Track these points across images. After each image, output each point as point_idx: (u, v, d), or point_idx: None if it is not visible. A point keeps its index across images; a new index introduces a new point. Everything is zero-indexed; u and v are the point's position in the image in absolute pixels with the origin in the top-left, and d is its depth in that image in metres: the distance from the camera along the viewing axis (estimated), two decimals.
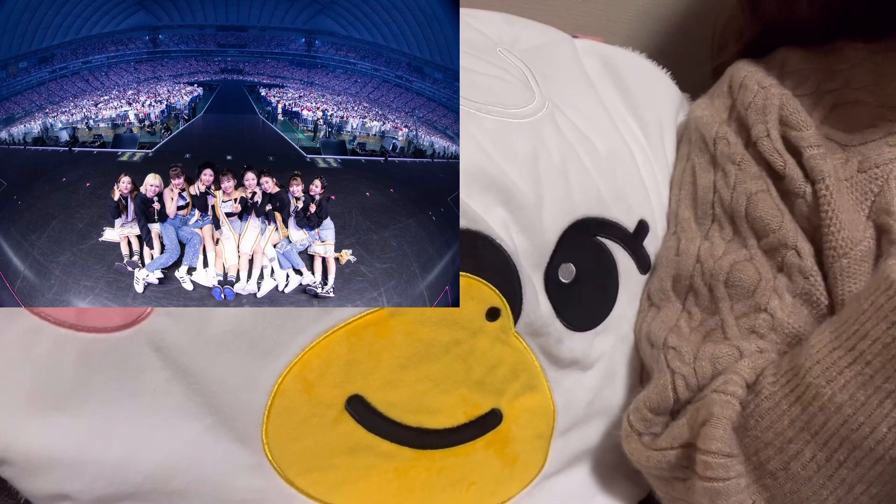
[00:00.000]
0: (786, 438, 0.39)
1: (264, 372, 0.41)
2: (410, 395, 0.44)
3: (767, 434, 0.40)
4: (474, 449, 0.47)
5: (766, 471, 0.40)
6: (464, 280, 0.43)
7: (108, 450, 0.40)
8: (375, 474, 0.45)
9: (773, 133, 0.48)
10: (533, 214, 0.45)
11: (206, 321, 0.39)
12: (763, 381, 0.41)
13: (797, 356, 0.40)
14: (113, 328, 0.38)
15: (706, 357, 0.45)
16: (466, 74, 0.49)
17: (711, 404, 0.41)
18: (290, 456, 0.43)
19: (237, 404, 0.41)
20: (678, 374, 0.46)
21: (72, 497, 0.41)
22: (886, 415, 0.35)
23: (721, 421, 0.40)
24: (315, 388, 0.42)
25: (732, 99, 0.53)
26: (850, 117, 0.49)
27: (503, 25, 0.59)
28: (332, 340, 0.41)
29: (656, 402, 0.46)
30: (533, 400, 0.49)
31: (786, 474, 0.39)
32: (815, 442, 0.38)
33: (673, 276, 0.51)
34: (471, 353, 0.44)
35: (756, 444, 0.40)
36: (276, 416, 0.42)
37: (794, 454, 0.39)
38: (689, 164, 0.54)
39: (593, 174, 0.50)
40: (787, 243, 0.46)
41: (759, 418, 0.40)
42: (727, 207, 0.50)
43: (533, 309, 0.45)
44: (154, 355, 0.39)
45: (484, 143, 0.45)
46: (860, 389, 0.36)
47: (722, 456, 0.40)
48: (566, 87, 0.55)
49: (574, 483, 0.53)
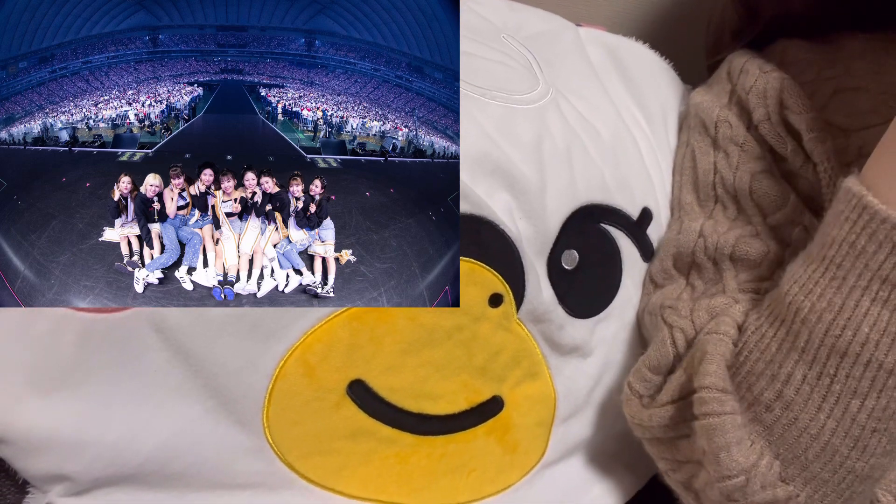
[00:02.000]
0: (776, 364, 0.39)
1: (266, 355, 0.41)
2: (412, 381, 0.44)
3: (758, 365, 0.40)
4: (475, 436, 0.47)
5: (762, 404, 0.40)
6: (467, 265, 0.43)
7: (108, 431, 0.40)
8: (376, 459, 0.45)
9: (773, 116, 0.48)
10: (537, 200, 0.45)
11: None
12: (749, 318, 0.42)
13: (778, 287, 0.41)
14: (113, 308, 0.38)
15: (702, 308, 0.46)
16: (470, 60, 0.49)
17: (704, 343, 0.42)
18: (291, 440, 0.43)
19: (238, 387, 0.41)
20: (676, 327, 0.46)
21: (70, 477, 0.41)
22: (865, 313, 0.36)
23: (714, 357, 0.41)
24: (317, 372, 0.41)
25: (732, 84, 0.53)
26: (850, 103, 0.49)
27: (507, 12, 0.59)
28: (334, 324, 0.41)
29: (656, 360, 0.46)
30: (534, 387, 0.49)
31: (780, 403, 0.39)
32: (803, 360, 0.38)
33: (674, 254, 0.51)
34: (473, 339, 0.44)
35: (749, 380, 0.40)
36: (277, 400, 0.41)
37: (785, 378, 0.39)
38: (689, 149, 0.55)
39: (597, 161, 0.50)
40: (794, 219, 0.47)
41: (748, 353, 0.41)
42: (729, 187, 0.50)
43: (535, 295, 0.45)
44: (155, 336, 0.39)
45: (488, 128, 0.45)
46: (836, 294, 0.36)
47: (716, 390, 0.40)
48: (570, 75, 0.55)
49: (573, 471, 0.53)
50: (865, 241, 0.35)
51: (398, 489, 0.47)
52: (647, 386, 0.46)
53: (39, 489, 0.42)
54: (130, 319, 0.38)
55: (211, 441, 0.42)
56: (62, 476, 0.41)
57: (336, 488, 0.46)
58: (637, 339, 0.53)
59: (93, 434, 0.40)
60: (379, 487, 0.46)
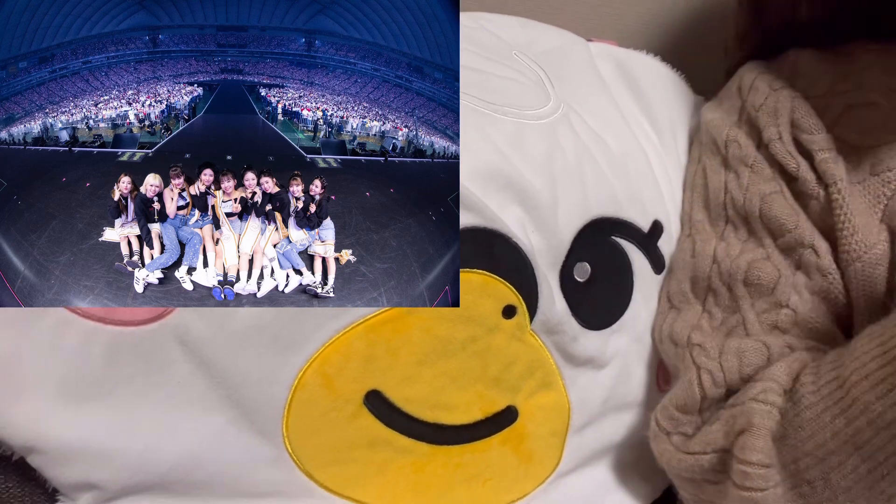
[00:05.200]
0: (828, 450, 0.38)
1: (285, 366, 0.41)
2: (427, 391, 0.44)
3: (808, 444, 0.39)
4: (490, 445, 0.48)
5: (804, 479, 0.39)
6: (481, 278, 0.43)
7: (134, 440, 0.41)
8: (393, 469, 0.46)
9: (784, 136, 0.48)
10: (549, 214, 0.46)
11: (229, 316, 0.40)
12: (802, 390, 0.40)
13: (839, 366, 0.39)
14: (139, 322, 0.40)
15: (731, 352, 0.45)
16: (482, 77, 0.50)
17: (751, 413, 0.41)
18: (310, 449, 0.44)
19: (259, 397, 0.42)
20: (704, 370, 0.45)
21: (99, 486, 0.42)
22: None
23: (761, 431, 0.40)
24: (335, 383, 0.42)
25: (742, 101, 0.53)
26: (862, 119, 0.48)
27: (518, 29, 0.60)
28: (350, 336, 0.42)
29: (683, 400, 0.46)
30: (548, 397, 0.49)
31: (824, 484, 0.39)
32: (860, 455, 0.37)
33: (691, 277, 0.51)
34: (487, 350, 0.45)
35: (794, 454, 0.40)
36: (296, 410, 0.42)
37: (835, 465, 0.38)
38: (701, 167, 0.55)
39: (608, 175, 0.50)
40: (803, 242, 0.46)
41: (798, 428, 0.40)
42: (740, 209, 0.50)
43: (548, 307, 0.46)
44: (179, 349, 0.40)
45: (500, 144, 0.46)
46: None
47: (762, 467, 0.40)
48: (581, 90, 0.55)
49: (589, 481, 0.54)
50: None
51: (414, 498, 0.47)
52: (674, 424, 0.46)
53: (69, 497, 0.43)
54: (156, 332, 0.40)
55: (233, 451, 0.43)
56: (91, 484, 0.42)
57: (353, 497, 0.46)
58: (651, 352, 0.54)
59: (120, 444, 0.41)
60: (395, 496, 0.47)
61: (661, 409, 0.47)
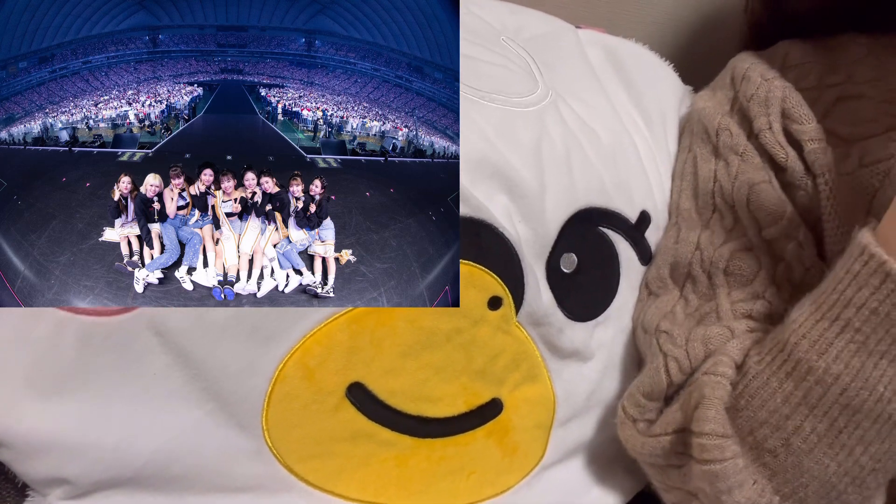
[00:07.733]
0: (782, 415, 0.39)
1: (265, 358, 0.41)
2: (411, 384, 0.44)
3: (761, 413, 0.40)
4: (474, 438, 0.47)
5: (765, 449, 0.40)
6: (466, 268, 0.43)
7: (108, 434, 0.40)
8: (375, 462, 0.45)
9: (774, 126, 0.48)
10: (536, 203, 0.45)
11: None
12: (749, 361, 0.42)
13: (779, 332, 0.40)
14: (114, 311, 0.38)
15: (698, 339, 0.46)
16: (470, 62, 0.49)
17: (702, 386, 0.42)
18: (290, 442, 0.43)
19: (238, 390, 0.41)
20: (670, 356, 0.46)
21: (70, 481, 0.41)
22: (882, 374, 0.36)
23: (713, 402, 0.41)
24: (316, 375, 0.42)
25: (735, 91, 0.53)
26: (852, 112, 0.49)
27: (507, 14, 0.59)
28: (333, 327, 0.41)
29: (650, 387, 0.46)
30: (533, 390, 0.49)
31: (786, 451, 0.39)
32: (814, 414, 0.38)
33: (671, 263, 0.51)
34: (472, 342, 0.44)
35: (751, 424, 0.40)
36: (276, 403, 0.41)
37: (793, 430, 0.39)
38: (691, 155, 0.55)
39: (596, 164, 0.50)
40: (789, 234, 0.46)
41: (749, 398, 0.41)
42: (728, 197, 0.50)
43: (535, 298, 0.45)
44: (155, 339, 0.39)
45: (487, 131, 0.45)
46: (854, 357, 0.37)
47: (717, 437, 0.40)
48: (569, 77, 0.55)
49: (573, 474, 0.54)
50: (889, 309, 0.35)
51: (397, 492, 0.47)
52: (640, 411, 0.47)
53: (39, 492, 0.42)
54: (131, 322, 0.38)
55: (211, 444, 0.42)
56: (62, 479, 0.41)
57: (335, 491, 0.46)
58: (635, 344, 0.53)
59: (93, 437, 0.40)
60: (378, 490, 0.46)
61: (627, 396, 0.48)
